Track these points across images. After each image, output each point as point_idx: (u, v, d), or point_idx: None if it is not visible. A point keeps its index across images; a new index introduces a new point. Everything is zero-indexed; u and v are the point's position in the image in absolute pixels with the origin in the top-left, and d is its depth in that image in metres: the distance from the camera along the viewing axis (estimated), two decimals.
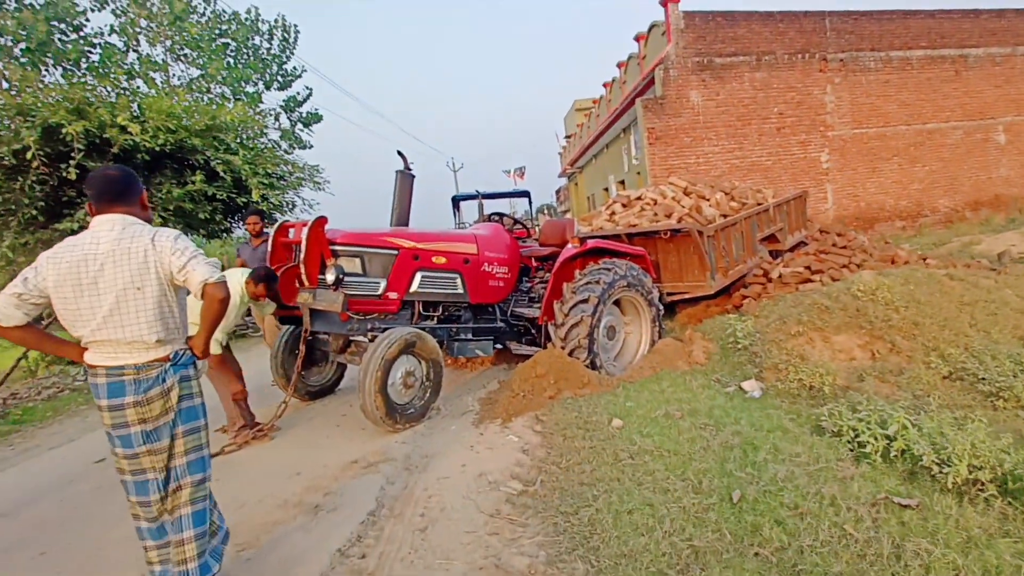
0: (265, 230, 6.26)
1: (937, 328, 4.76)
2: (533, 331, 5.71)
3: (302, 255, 4.30)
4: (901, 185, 14.12)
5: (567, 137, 31.89)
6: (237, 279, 4.20)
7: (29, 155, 8.57)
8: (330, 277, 4.28)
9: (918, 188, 14.18)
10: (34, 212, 9.31)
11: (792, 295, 5.78)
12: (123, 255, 2.09)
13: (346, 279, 4.43)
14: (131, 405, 2.12)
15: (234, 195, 10.68)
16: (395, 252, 4.72)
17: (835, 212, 13.81)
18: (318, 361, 5.45)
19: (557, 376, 4.82)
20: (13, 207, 9.35)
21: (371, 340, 4.60)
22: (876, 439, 3.17)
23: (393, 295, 4.73)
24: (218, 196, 10.28)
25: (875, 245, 6.79)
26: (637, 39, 15.49)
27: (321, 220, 4.40)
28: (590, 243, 5.46)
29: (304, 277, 4.33)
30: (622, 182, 18.75)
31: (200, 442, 2.31)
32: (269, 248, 4.67)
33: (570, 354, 5.00)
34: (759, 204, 7.63)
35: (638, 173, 16.10)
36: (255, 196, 10.79)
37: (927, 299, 5.04)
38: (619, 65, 17.89)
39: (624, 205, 7.54)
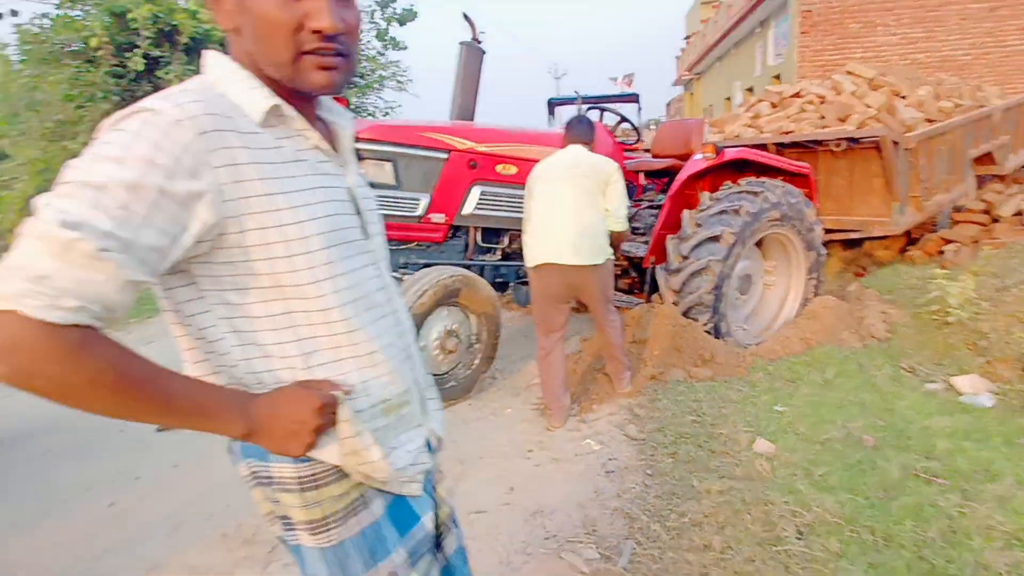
0: None
1: None
2: (634, 274, 4.19)
3: None
4: None
5: (686, 38, 27.67)
6: None
7: (95, 41, 8.05)
8: None
9: None
10: (108, 107, 8.95)
11: None
12: None
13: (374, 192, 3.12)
14: None
15: None
16: (443, 155, 3.31)
17: None
18: None
19: (664, 344, 3.36)
20: (90, 100, 9.05)
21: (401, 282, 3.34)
22: None
23: (438, 217, 3.38)
24: None
25: None
26: None
27: None
28: (730, 153, 3.70)
29: None
30: (750, 89, 15.64)
31: None
32: None
33: (685, 313, 3.47)
34: (980, 107, 5.29)
35: (776, 76, 13.12)
36: None
37: None
38: None
39: (774, 105, 5.50)
